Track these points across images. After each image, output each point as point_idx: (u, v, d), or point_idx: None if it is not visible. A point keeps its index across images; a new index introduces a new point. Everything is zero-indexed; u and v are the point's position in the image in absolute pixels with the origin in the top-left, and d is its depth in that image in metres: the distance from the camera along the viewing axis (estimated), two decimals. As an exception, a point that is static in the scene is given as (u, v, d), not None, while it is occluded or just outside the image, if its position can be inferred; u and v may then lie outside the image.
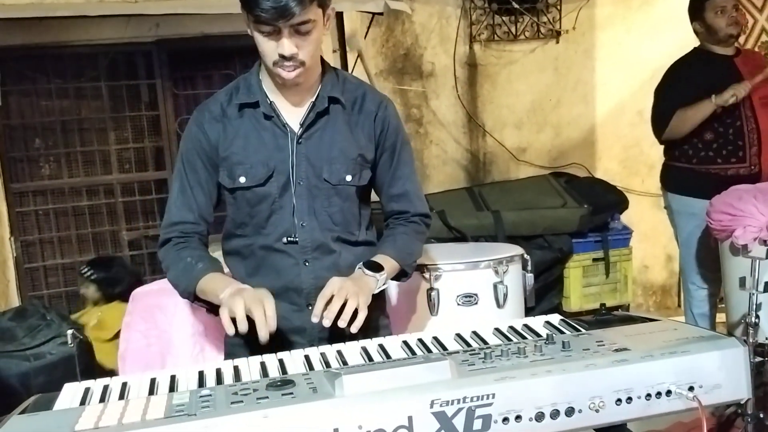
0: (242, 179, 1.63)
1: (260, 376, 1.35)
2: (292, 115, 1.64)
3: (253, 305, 1.44)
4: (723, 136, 3.14)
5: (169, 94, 3.97)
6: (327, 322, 1.50)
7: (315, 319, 1.52)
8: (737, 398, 1.26)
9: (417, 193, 1.79)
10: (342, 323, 1.50)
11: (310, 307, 1.65)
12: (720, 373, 1.23)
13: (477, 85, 4.29)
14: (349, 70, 3.98)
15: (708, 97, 3.05)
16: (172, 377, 1.37)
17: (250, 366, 1.41)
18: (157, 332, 2.17)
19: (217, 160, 1.65)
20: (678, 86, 3.21)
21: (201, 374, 1.38)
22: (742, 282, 2.37)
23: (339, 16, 3.83)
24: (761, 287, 2.31)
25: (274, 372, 1.38)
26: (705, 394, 1.22)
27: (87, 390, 1.33)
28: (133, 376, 1.40)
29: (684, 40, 3.84)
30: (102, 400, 1.28)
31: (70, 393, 1.31)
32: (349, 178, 1.66)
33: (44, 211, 3.90)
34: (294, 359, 1.44)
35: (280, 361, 1.43)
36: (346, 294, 1.52)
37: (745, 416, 2.37)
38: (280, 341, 1.56)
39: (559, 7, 4.29)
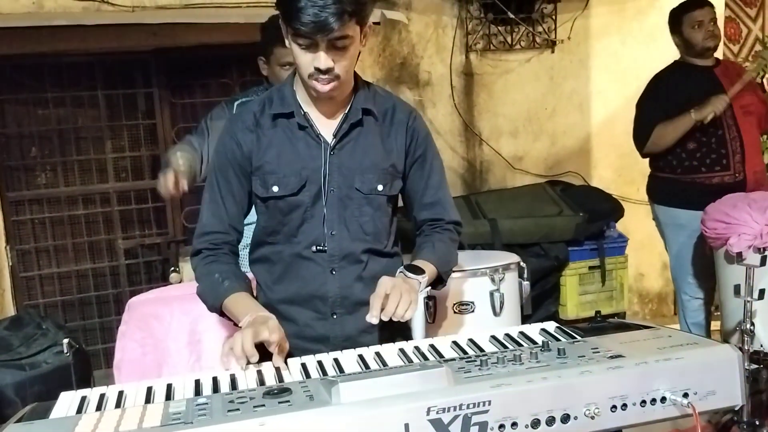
0: (275, 188, 1.65)
1: (257, 384, 1.35)
2: (326, 126, 1.67)
3: (261, 330, 1.46)
4: (706, 145, 3.16)
5: (166, 103, 3.97)
6: (385, 318, 1.52)
7: (374, 320, 1.52)
8: (732, 405, 1.27)
9: (450, 201, 1.83)
10: (397, 318, 1.52)
11: (335, 316, 1.68)
12: (714, 380, 1.24)
13: (473, 94, 4.31)
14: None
15: (688, 111, 3.08)
16: (169, 386, 1.38)
17: (246, 374, 1.42)
18: (153, 341, 2.17)
19: (249, 169, 1.68)
20: (659, 99, 3.24)
21: (197, 382, 1.39)
22: (737, 290, 2.38)
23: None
24: (756, 295, 2.32)
25: (270, 380, 1.38)
26: (699, 400, 1.23)
27: (83, 398, 1.33)
28: (129, 384, 1.40)
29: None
30: (98, 408, 1.28)
31: (66, 401, 1.32)
32: (380, 187, 1.69)
33: (40, 220, 3.89)
34: (290, 367, 1.45)
35: (277, 369, 1.43)
36: (399, 292, 1.54)
37: (741, 423, 2.37)
38: (302, 350, 1.58)
39: (554, 17, 4.31)
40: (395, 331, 1.72)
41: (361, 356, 1.48)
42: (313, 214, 1.66)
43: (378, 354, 1.48)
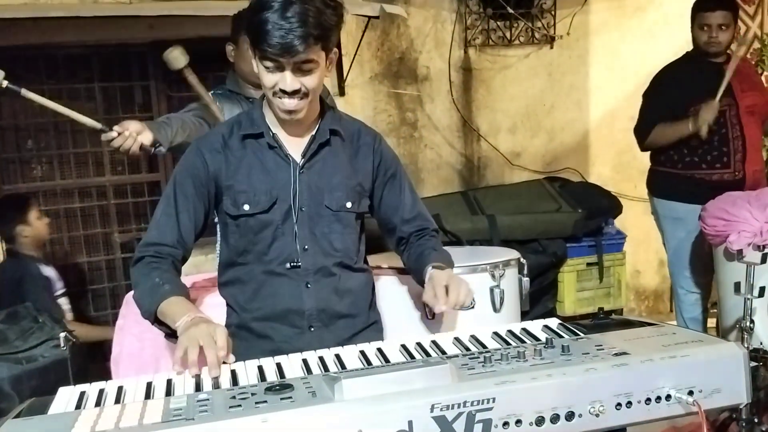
0: (246, 207, 1.67)
1: (258, 381, 1.34)
2: (294, 146, 1.71)
3: (206, 343, 1.42)
4: (708, 142, 3.16)
5: (163, 95, 3.95)
6: (451, 307, 1.64)
7: (444, 308, 1.63)
8: (736, 403, 1.26)
9: (427, 212, 1.92)
10: (459, 306, 1.65)
11: (312, 329, 1.69)
12: (720, 378, 1.23)
13: (472, 90, 4.30)
14: (345, 75, 3.98)
15: (688, 117, 3.10)
16: (169, 381, 1.36)
17: (247, 370, 1.40)
18: (151, 335, 2.14)
19: (214, 190, 1.70)
20: (664, 91, 3.24)
21: (198, 378, 1.37)
22: (737, 287, 2.37)
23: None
24: (756, 292, 2.32)
25: (271, 376, 1.37)
26: (705, 398, 1.22)
27: (82, 394, 1.31)
28: (128, 380, 1.39)
29: (677, 46, 3.86)
30: (98, 404, 1.27)
31: (65, 397, 1.30)
32: (349, 204, 1.73)
33: (36, 213, 3.86)
34: (292, 363, 1.43)
35: (278, 365, 1.42)
36: (457, 282, 1.66)
37: (740, 421, 2.37)
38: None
39: (553, 12, 4.30)
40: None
41: (362, 352, 1.47)
42: (284, 232, 1.68)
43: (380, 350, 1.47)
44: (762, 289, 2.36)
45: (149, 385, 1.35)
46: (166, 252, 1.67)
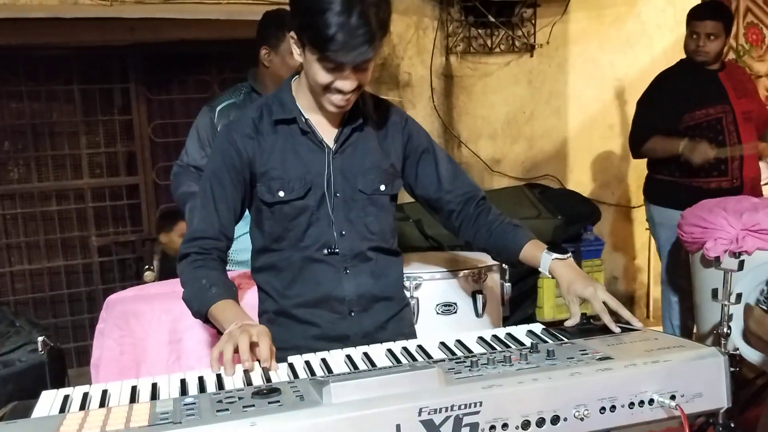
0: (281, 193, 1.65)
1: (244, 385, 1.33)
2: (327, 131, 1.68)
3: (244, 347, 1.42)
4: None
5: (142, 98, 3.92)
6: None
7: (616, 329, 1.51)
8: (717, 407, 1.29)
9: (471, 180, 1.86)
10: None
11: (353, 314, 1.69)
12: (701, 383, 1.25)
13: (453, 96, 4.33)
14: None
15: (682, 138, 3.16)
16: (154, 385, 1.35)
17: (232, 375, 1.39)
18: (131, 340, 2.13)
19: (248, 177, 1.67)
20: (661, 99, 3.27)
21: (183, 382, 1.36)
22: (714, 293, 2.41)
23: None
24: (733, 299, 2.36)
25: (258, 380, 1.36)
26: (686, 402, 1.24)
27: (66, 397, 1.30)
28: (113, 383, 1.37)
29: (655, 55, 3.94)
30: (82, 407, 1.25)
31: (48, 400, 1.28)
32: (383, 187, 1.71)
33: (12, 216, 3.81)
34: (279, 367, 1.43)
35: (264, 369, 1.41)
36: (603, 296, 1.55)
37: (717, 425, 2.41)
38: (324, 351, 1.54)
39: (533, 21, 4.35)
40: (406, 329, 1.78)
41: (349, 356, 1.47)
42: (318, 217, 1.67)
43: (366, 354, 1.48)
44: (739, 296, 2.40)
45: (134, 388, 1.34)
46: (211, 246, 1.66)
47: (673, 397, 1.24)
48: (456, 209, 1.80)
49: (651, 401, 1.24)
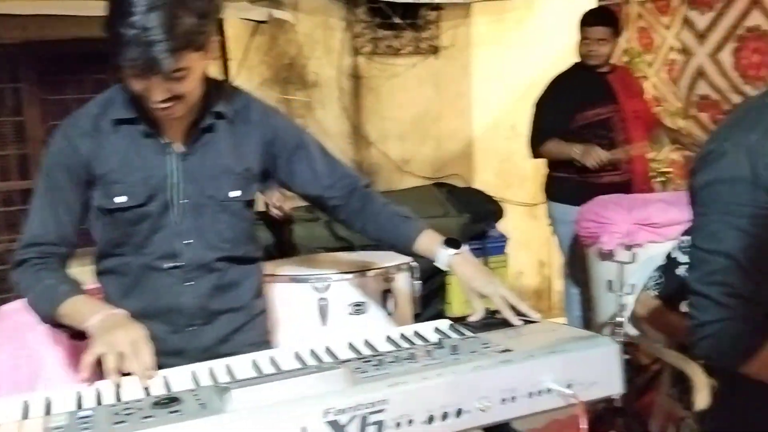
0: (120, 199, 1.53)
1: (144, 395, 1.29)
2: (174, 132, 1.56)
3: (129, 353, 1.35)
4: (598, 146, 3.36)
5: (35, 99, 3.72)
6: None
7: (517, 322, 1.52)
8: (612, 393, 1.35)
9: (350, 170, 1.80)
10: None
11: (192, 328, 1.60)
12: (596, 371, 1.31)
13: (361, 97, 4.35)
14: (232, 78, 3.91)
15: (577, 143, 3.31)
16: (47, 399, 1.28)
17: (131, 385, 1.34)
18: (26, 352, 2.01)
19: (87, 178, 1.54)
20: (555, 100, 3.43)
21: (78, 395, 1.30)
22: (609, 285, 2.53)
23: (221, 22, 3.75)
24: (627, 289, 2.49)
25: (158, 389, 1.32)
26: (583, 390, 1.29)
27: (-53, 418, 1.21)
28: (1, 399, 1.29)
29: (555, 57, 4.09)
30: (-35, 428, 1.17)
31: (-74, 422, 1.19)
32: (235, 193, 1.60)
33: None
34: (180, 375, 1.39)
35: (165, 378, 1.37)
36: (501, 290, 1.56)
37: (615, 410, 2.53)
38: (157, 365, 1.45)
39: (438, 24, 4.43)
40: (257, 339, 1.69)
41: (254, 361, 1.45)
42: (163, 225, 1.56)
43: (272, 359, 1.46)
44: (632, 287, 2.53)
45: (25, 404, 1.26)
46: (50, 251, 1.54)
47: (570, 386, 1.29)
48: (340, 203, 1.73)
49: (549, 390, 1.28)
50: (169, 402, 1.17)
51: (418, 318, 2.69)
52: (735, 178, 1.19)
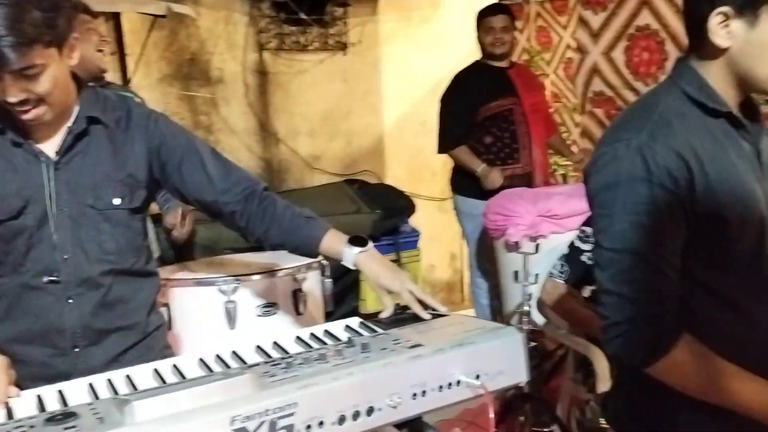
0: None
1: (37, 411, 1.21)
2: (46, 140, 1.49)
3: None
4: (501, 139, 3.52)
5: None
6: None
7: (426, 316, 1.52)
8: (518, 381, 1.38)
9: (247, 173, 1.71)
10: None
11: (77, 349, 1.51)
12: (502, 360, 1.33)
13: (268, 93, 4.28)
14: (129, 75, 3.76)
15: (482, 161, 3.48)
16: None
17: (24, 401, 1.26)
18: None
19: None
20: (458, 97, 3.52)
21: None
22: (516, 275, 2.60)
23: (117, 16, 3.60)
24: (532, 279, 2.56)
25: (53, 405, 1.24)
26: (490, 380, 1.31)
27: None
28: None
29: (460, 55, 4.17)
30: None
31: None
32: (117, 201, 1.53)
33: None
34: (76, 388, 1.31)
35: (60, 392, 1.29)
36: (408, 286, 1.58)
37: (523, 396, 2.61)
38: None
39: (345, 20, 4.41)
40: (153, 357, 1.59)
41: (156, 370, 1.39)
42: (40, 239, 1.47)
43: (175, 366, 1.40)
44: (536, 276, 2.61)
45: None
46: None
47: (477, 377, 1.30)
48: (237, 209, 1.63)
49: (458, 382, 1.29)
50: (64, 418, 1.11)
51: (331, 316, 2.67)
52: (632, 178, 1.22)
